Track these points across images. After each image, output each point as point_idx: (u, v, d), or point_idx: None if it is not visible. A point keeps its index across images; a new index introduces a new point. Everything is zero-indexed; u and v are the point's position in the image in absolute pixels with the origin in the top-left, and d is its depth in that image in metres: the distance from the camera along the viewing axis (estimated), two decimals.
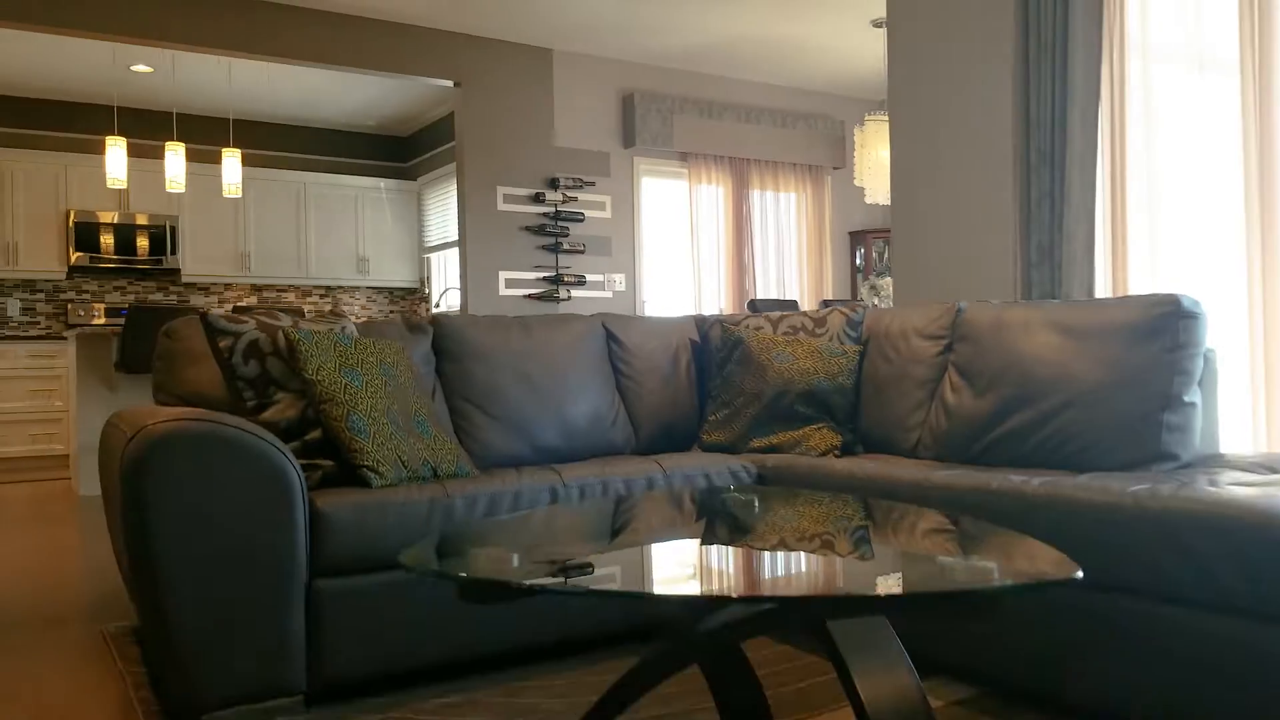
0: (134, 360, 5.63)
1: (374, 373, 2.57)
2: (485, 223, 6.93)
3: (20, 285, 8.23)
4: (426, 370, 3.14)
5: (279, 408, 2.47)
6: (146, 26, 5.80)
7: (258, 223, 8.87)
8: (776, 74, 7.98)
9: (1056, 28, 3.80)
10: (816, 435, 3.20)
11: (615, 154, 7.52)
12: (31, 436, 7.65)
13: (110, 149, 6.36)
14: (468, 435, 3.11)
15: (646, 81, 7.66)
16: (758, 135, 8.05)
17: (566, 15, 6.56)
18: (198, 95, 8.40)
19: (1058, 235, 3.79)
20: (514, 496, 2.49)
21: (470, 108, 6.87)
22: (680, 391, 3.55)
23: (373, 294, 9.82)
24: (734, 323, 3.55)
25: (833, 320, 3.48)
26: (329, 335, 2.57)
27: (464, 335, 3.24)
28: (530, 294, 7.12)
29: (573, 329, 3.49)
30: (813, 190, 8.44)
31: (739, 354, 3.38)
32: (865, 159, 6.85)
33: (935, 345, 3.28)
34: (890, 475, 2.55)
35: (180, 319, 2.85)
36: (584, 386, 3.35)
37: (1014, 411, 2.89)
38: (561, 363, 3.36)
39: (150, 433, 2.06)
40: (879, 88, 8.44)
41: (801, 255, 8.39)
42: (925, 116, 4.48)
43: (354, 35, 6.44)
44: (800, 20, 6.76)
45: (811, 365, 3.28)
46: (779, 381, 3.26)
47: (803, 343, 3.35)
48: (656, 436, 3.48)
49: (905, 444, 3.24)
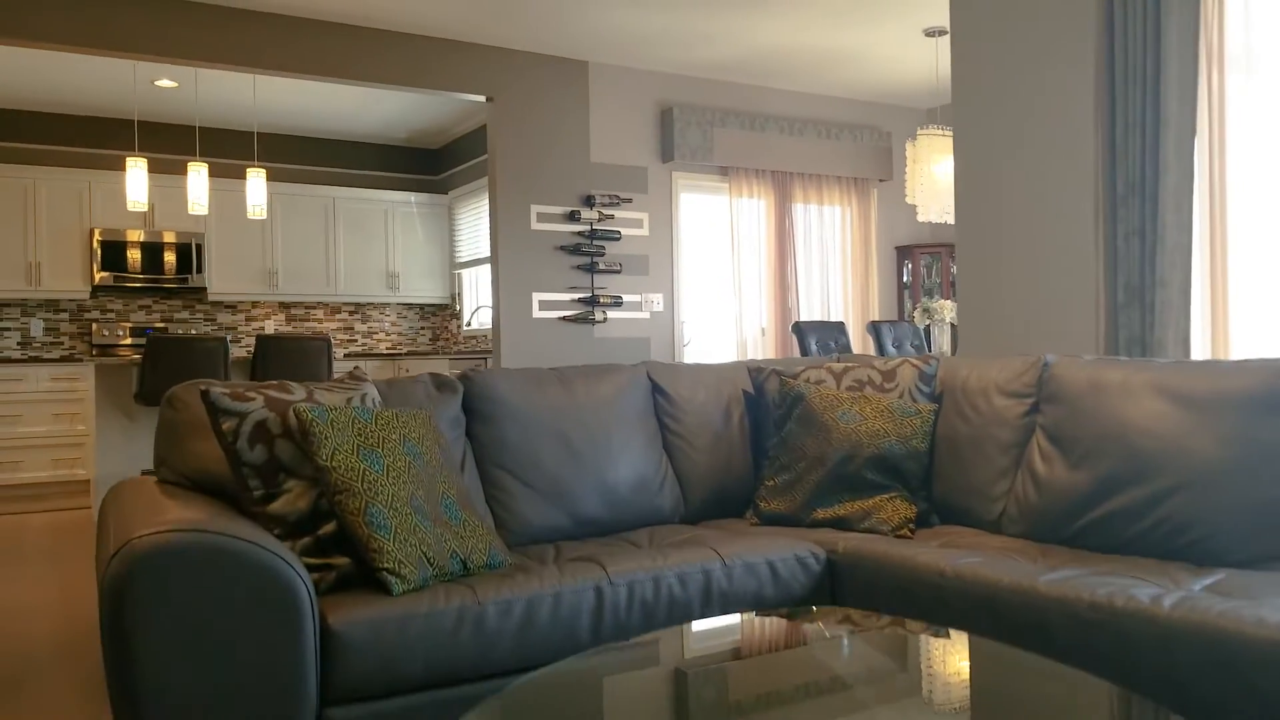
0: (153, 393, 5.39)
1: (397, 453, 2.28)
2: (518, 243, 6.65)
3: (43, 305, 8.05)
4: (455, 435, 2.84)
5: (289, 498, 2.18)
6: (171, 45, 5.56)
7: (285, 239, 8.64)
8: (820, 84, 7.64)
9: (1146, 42, 3.44)
10: (888, 506, 2.87)
11: (653, 169, 7.21)
12: (54, 461, 7.46)
13: (131, 169, 6.13)
14: (501, 506, 2.82)
15: (685, 93, 7.34)
16: (801, 147, 7.71)
17: (603, 26, 6.26)
18: (222, 109, 8.18)
19: (1149, 276, 3.43)
20: (553, 601, 2.19)
21: (503, 124, 6.59)
22: (733, 450, 3.23)
23: (403, 310, 9.57)
24: (792, 374, 3.23)
25: (903, 373, 3.15)
26: (346, 411, 2.27)
27: (496, 393, 2.94)
28: (565, 316, 6.83)
29: (614, 380, 3.18)
30: (858, 204, 8.09)
31: (799, 412, 3.05)
32: (917, 175, 6.50)
33: (1019, 404, 2.94)
34: (988, 578, 2.22)
35: (184, 386, 2.57)
36: (628, 446, 3.05)
37: (1117, 490, 2.55)
38: (603, 420, 3.05)
39: (135, 550, 1.77)
40: (927, 96, 8.08)
41: (846, 272, 8.04)
42: (995, 142, 4.13)
43: (383, 50, 6.17)
44: (849, 29, 6.41)
45: (881, 426, 2.95)
46: (845, 444, 2.93)
47: (871, 400, 3.02)
48: (708, 501, 3.16)
49: (988, 515, 2.91)
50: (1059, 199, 3.85)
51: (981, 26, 4.20)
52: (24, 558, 5.25)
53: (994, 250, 4.13)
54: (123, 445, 5.85)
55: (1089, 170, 3.72)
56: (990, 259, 4.15)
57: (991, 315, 4.14)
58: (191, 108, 8.09)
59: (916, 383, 3.13)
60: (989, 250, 4.16)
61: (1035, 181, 3.94)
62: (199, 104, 7.98)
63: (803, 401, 3.06)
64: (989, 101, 4.15)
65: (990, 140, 4.15)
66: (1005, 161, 4.08)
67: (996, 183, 4.12)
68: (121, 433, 5.85)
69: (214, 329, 8.66)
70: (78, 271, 7.87)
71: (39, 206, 7.73)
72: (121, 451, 5.86)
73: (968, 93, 4.25)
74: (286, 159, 9.05)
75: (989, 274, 4.16)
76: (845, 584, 2.58)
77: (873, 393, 3.13)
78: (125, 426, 5.86)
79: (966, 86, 4.26)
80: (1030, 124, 3.97)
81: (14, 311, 7.95)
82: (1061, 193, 3.84)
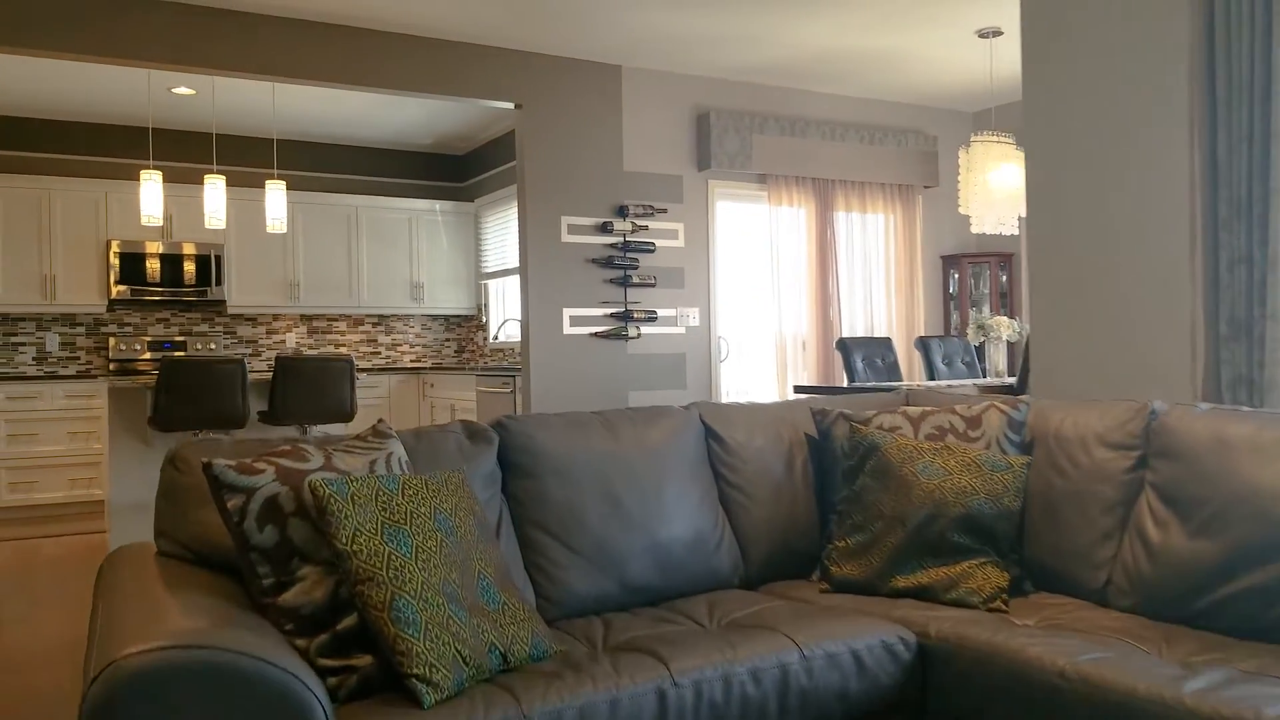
0: (166, 419, 5.13)
1: (427, 530, 1.97)
2: (548, 256, 6.35)
3: (59, 319, 7.82)
4: (491, 494, 2.53)
5: (303, 586, 1.88)
6: (190, 54, 5.30)
7: (307, 249, 8.38)
8: (864, 87, 7.29)
9: (1255, 44, 3.09)
10: (979, 574, 2.54)
11: (689, 177, 6.89)
12: (70, 481, 7.23)
13: (145, 182, 5.87)
14: (542, 574, 2.51)
15: (723, 98, 7.02)
16: (843, 153, 7.37)
17: (637, 29, 5.94)
18: (241, 116, 7.92)
19: (1257, 308, 3.08)
20: (609, 709, 1.88)
21: (532, 132, 6.29)
22: (797, 503, 2.91)
23: (427, 321, 9.29)
24: (862, 419, 2.90)
25: (990, 420, 2.82)
26: (369, 481, 1.97)
27: (535, 443, 2.63)
28: (597, 332, 6.52)
29: (664, 425, 2.87)
30: (902, 211, 7.74)
31: (874, 464, 2.73)
32: (971, 183, 6.15)
33: (1124, 458, 2.61)
34: (1119, 685, 1.89)
35: (189, 444, 2.28)
36: (682, 500, 2.73)
37: (1252, 564, 2.22)
38: (653, 471, 2.74)
39: (121, 671, 1.48)
40: (976, 99, 7.71)
41: (890, 283, 7.69)
42: (1072, 155, 3.78)
43: (407, 56, 5.88)
44: (895, 31, 6.07)
45: (968, 482, 2.62)
46: (928, 503, 2.61)
47: (955, 451, 2.69)
48: (770, 562, 2.85)
49: (1090, 583, 2.57)
50: (1148, 221, 3.50)
51: (1057, 25, 3.85)
52: (34, 593, 4.99)
53: (1071, 275, 3.79)
54: (138, 470, 5.59)
55: (1183, 189, 3.37)
56: (1067, 285, 3.81)
57: (1069, 348, 3.80)
58: (209, 115, 7.84)
59: (1005, 430, 2.80)
60: (1066, 275, 3.81)
61: (1120, 201, 3.59)
62: (216, 111, 7.73)
63: (877, 452, 2.74)
64: (1065, 110, 3.81)
65: (1066, 153, 3.81)
66: (1084, 177, 3.73)
67: (1075, 200, 3.77)
68: (136, 457, 5.59)
69: (234, 342, 8.41)
70: (94, 284, 7.63)
71: (54, 217, 7.50)
72: (136, 476, 5.60)
73: (1041, 100, 3.91)
74: (307, 167, 8.79)
75: (1066, 301, 3.82)
76: (939, 675, 2.26)
77: (956, 442, 2.80)
78: (140, 451, 5.60)
79: (1039, 98, 3.91)
80: (1114, 136, 3.62)
81: (29, 326, 7.73)
82: (1152, 214, 3.49)
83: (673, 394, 6.77)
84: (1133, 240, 3.55)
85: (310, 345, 8.70)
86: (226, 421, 5.27)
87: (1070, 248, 3.79)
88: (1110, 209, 3.63)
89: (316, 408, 5.50)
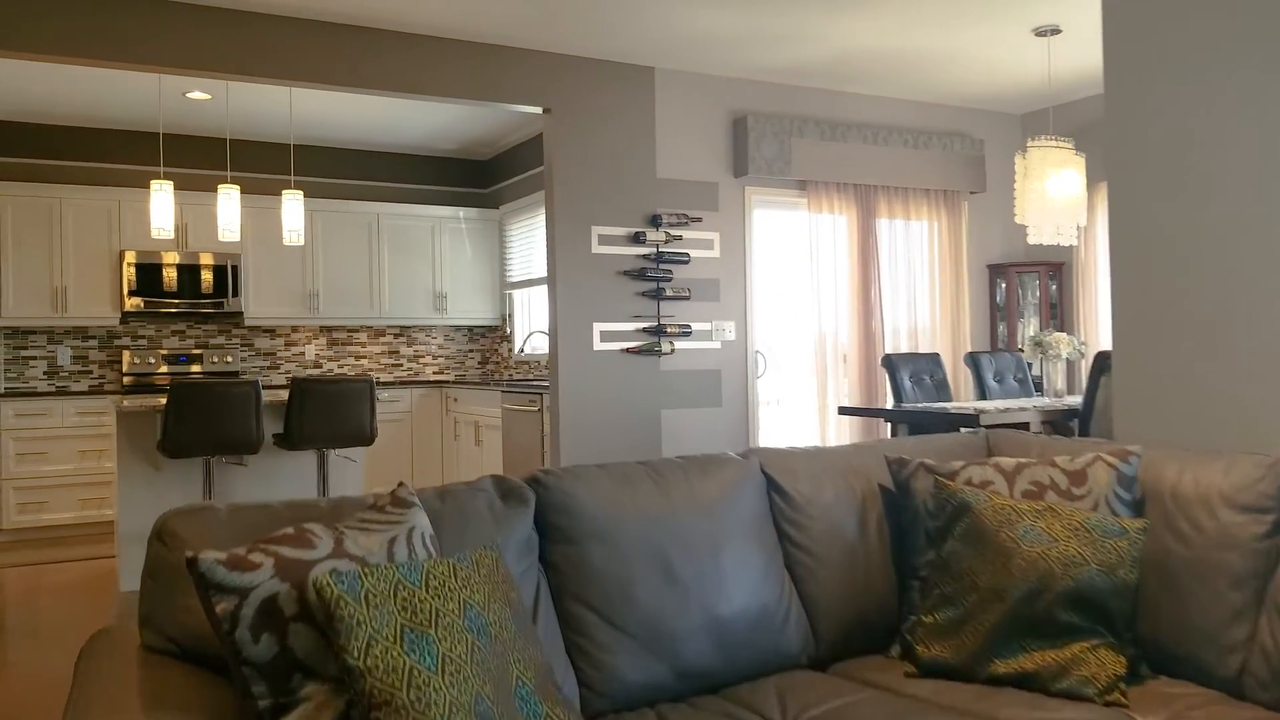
0: (175, 446, 4.84)
1: (456, 632, 1.64)
2: (578, 268, 6.02)
3: (70, 332, 7.56)
4: (527, 565, 2.20)
5: (305, 710, 1.56)
6: (205, 59, 5.00)
7: (326, 259, 8.09)
8: (908, 88, 6.93)
9: None
10: (1092, 659, 2.19)
11: (724, 184, 6.55)
12: (81, 502, 6.97)
13: (155, 193, 5.57)
14: (586, 659, 2.18)
15: (761, 101, 6.67)
16: (885, 157, 7.01)
17: (671, 28, 5.60)
18: (257, 121, 7.64)
19: None
20: None
21: (561, 138, 5.96)
22: (872, 567, 2.57)
23: (450, 332, 8.99)
24: (947, 472, 2.55)
25: (1096, 475, 2.46)
26: (387, 574, 1.64)
27: (576, 502, 2.30)
28: (628, 348, 6.19)
29: (721, 477, 2.53)
30: (947, 218, 7.37)
31: (965, 526, 2.38)
32: (1028, 191, 5.78)
33: (1255, 523, 2.25)
34: None
35: (179, 514, 1.96)
36: (744, 567, 2.40)
37: None
38: (710, 532, 2.40)
39: None
40: (1025, 100, 7.33)
41: (934, 293, 7.32)
42: (1164, 164, 3.41)
43: (431, 59, 5.56)
44: (945, 30, 5.70)
45: (1078, 550, 2.27)
46: (1031, 574, 2.26)
47: (1060, 512, 2.34)
48: (843, 636, 2.50)
49: (1220, 670, 2.22)
50: (1257, 240, 3.13)
51: (1144, 20, 3.49)
52: (36, 630, 4.71)
53: (1163, 298, 3.42)
54: (148, 498, 5.31)
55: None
56: (1158, 310, 3.44)
57: (1162, 383, 3.42)
58: (227, 120, 7.56)
59: (1114, 487, 2.44)
60: (1156, 299, 3.44)
61: (1224, 216, 3.22)
62: (231, 116, 7.45)
63: (969, 513, 2.39)
64: (1154, 113, 3.44)
65: (1158, 162, 3.44)
66: (1177, 188, 3.36)
67: (1168, 216, 3.40)
68: (146, 483, 5.30)
69: (251, 355, 8.13)
70: (107, 296, 7.37)
71: (65, 227, 7.23)
72: (147, 502, 5.32)
73: (1125, 103, 3.54)
74: (326, 173, 8.50)
75: (1158, 331, 3.45)
76: None
77: (1058, 500, 2.45)
78: (150, 476, 5.32)
79: (1123, 93, 3.54)
80: (1212, 142, 3.25)
81: (40, 339, 7.47)
82: (1263, 232, 3.12)
83: (708, 412, 6.43)
84: (1239, 263, 3.18)
85: (330, 357, 8.41)
86: (239, 446, 4.97)
87: (1162, 270, 3.42)
88: (1211, 229, 3.26)
89: (335, 431, 5.20)
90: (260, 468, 5.49)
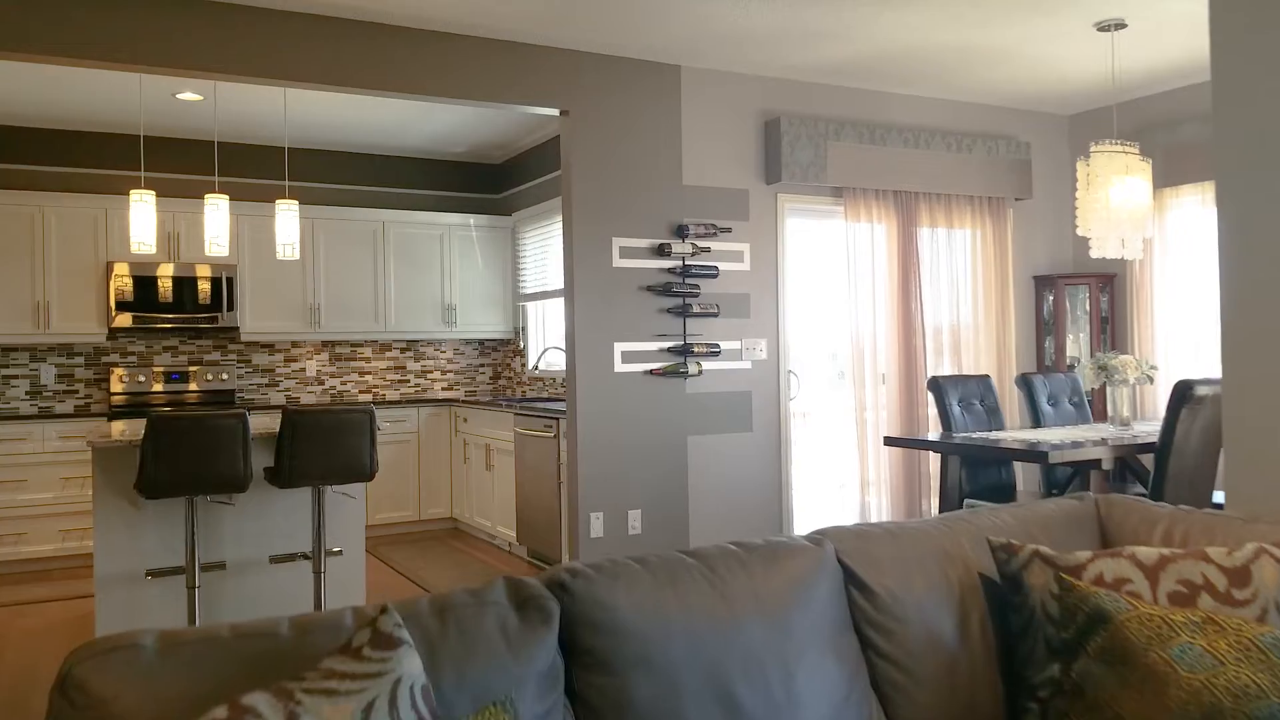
0: (154, 486, 4.36)
1: None
2: (598, 284, 5.53)
3: (54, 349, 7.10)
4: (551, 704, 1.71)
5: None
6: (196, 57, 4.53)
7: (328, 269, 7.61)
8: (950, 88, 6.41)
9: None
10: None
11: (755, 191, 6.05)
12: (61, 534, 6.51)
13: (135, 204, 5.10)
14: None
15: (794, 102, 6.16)
16: (927, 162, 6.50)
17: (698, 24, 5.10)
18: (250, 124, 7.17)
19: None
20: None
21: (579, 142, 5.47)
22: (977, 684, 2.07)
23: (460, 346, 8.50)
24: (1072, 566, 2.04)
25: (1263, 573, 1.96)
26: None
27: (613, 617, 1.80)
28: (653, 369, 5.70)
29: (789, 571, 2.04)
30: (992, 226, 6.85)
31: (1102, 642, 1.88)
32: (1090, 200, 5.28)
33: None
34: None
35: (96, 661, 1.47)
36: (822, 691, 1.90)
37: None
38: (779, 645, 1.91)
39: None
40: (1079, 100, 6.81)
41: (978, 306, 6.81)
42: None
43: (437, 58, 5.08)
44: (998, 25, 5.19)
45: (1251, 677, 1.77)
46: (1194, 708, 1.76)
47: (1223, 626, 1.84)
48: None
49: None
50: None
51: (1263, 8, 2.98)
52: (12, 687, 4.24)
53: None
54: (127, 541, 4.83)
55: None
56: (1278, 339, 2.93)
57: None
58: (219, 123, 7.08)
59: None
60: (1277, 327, 2.93)
61: None
62: (222, 119, 6.97)
63: (1107, 626, 1.89)
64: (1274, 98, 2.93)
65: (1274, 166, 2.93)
66: None
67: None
68: (125, 525, 4.83)
69: (248, 372, 7.66)
70: (93, 310, 6.91)
71: (49, 236, 6.77)
72: (125, 549, 4.84)
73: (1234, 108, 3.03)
74: (326, 178, 8.03)
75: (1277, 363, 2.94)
76: None
77: (1216, 606, 1.94)
78: (130, 517, 4.85)
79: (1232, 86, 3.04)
80: None
81: (22, 357, 7.02)
82: None
83: (738, 438, 5.94)
84: None
85: (333, 374, 7.94)
86: (225, 485, 4.50)
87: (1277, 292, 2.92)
88: None
89: (330, 466, 4.72)
90: (249, 507, 5.02)
